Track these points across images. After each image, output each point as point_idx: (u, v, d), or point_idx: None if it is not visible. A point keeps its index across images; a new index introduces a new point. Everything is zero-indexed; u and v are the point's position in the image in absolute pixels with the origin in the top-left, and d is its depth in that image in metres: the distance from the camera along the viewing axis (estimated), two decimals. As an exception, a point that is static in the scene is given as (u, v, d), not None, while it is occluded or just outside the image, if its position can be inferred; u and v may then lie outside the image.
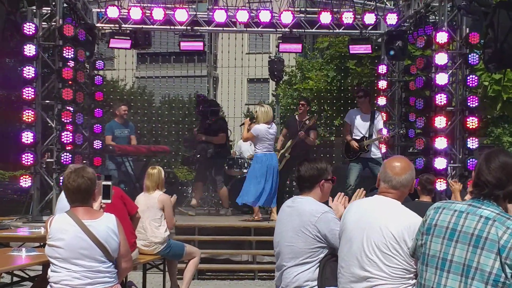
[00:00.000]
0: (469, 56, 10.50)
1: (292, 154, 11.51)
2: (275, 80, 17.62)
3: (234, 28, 12.88)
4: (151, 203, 7.63)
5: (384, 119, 11.92)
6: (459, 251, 3.10)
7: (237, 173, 12.79)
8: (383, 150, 11.54)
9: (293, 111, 20.43)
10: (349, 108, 18.00)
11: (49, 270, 4.34)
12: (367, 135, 10.98)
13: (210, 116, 12.44)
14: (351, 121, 11.22)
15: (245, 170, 12.26)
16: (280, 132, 13.19)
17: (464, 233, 3.10)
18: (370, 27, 12.59)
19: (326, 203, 4.66)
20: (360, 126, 11.04)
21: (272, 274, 9.18)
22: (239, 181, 11.99)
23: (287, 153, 11.60)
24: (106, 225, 4.32)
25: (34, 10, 10.87)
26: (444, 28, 10.48)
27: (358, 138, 11.04)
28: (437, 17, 11.20)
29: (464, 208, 3.17)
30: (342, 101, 18.68)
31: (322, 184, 4.60)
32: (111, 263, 4.34)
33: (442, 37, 10.34)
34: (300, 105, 12.01)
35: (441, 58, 10.35)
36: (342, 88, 18.85)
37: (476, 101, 10.51)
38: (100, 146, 11.92)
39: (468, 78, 10.53)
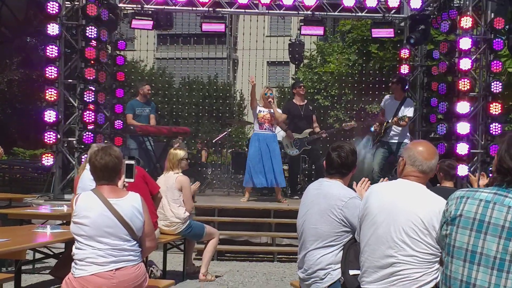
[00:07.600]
0: (494, 41, 10.40)
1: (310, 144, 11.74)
2: (295, 63, 17.51)
3: (256, 10, 12.79)
4: (170, 184, 7.66)
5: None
6: (489, 244, 2.96)
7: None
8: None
9: (313, 94, 20.40)
10: (370, 92, 17.98)
11: (73, 247, 4.35)
12: (389, 120, 10.83)
13: None
14: (384, 106, 11.15)
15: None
16: None
17: (493, 224, 2.97)
18: (394, 11, 12.48)
19: (350, 186, 4.62)
20: (389, 111, 10.94)
21: (291, 256, 9.29)
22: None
23: (307, 142, 11.63)
24: (131, 204, 4.35)
25: (58, -11, 10.88)
26: (468, 13, 10.38)
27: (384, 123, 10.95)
28: (461, 1, 11.08)
29: (490, 198, 3.03)
30: (363, 85, 18.59)
31: (355, 168, 4.60)
32: (135, 242, 4.36)
33: (466, 21, 10.25)
34: (302, 88, 12.09)
35: (465, 43, 10.27)
36: (363, 72, 18.76)
37: (500, 86, 10.43)
38: (121, 126, 11.93)
39: (492, 63, 10.44)
